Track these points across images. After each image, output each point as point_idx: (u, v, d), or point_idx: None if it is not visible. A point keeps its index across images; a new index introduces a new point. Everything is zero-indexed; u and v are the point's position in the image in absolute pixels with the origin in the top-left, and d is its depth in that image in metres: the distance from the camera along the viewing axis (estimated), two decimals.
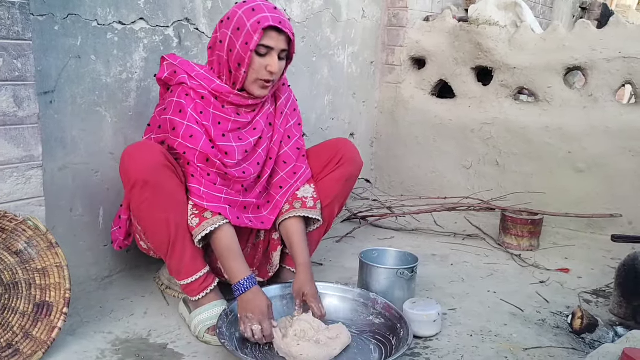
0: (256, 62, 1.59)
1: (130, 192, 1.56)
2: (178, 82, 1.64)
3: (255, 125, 1.72)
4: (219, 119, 1.65)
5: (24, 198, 1.55)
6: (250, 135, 1.70)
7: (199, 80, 1.63)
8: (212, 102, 1.64)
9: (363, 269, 1.85)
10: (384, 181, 3.44)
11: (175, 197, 1.57)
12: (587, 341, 1.65)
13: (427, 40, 3.16)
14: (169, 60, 1.69)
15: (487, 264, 2.33)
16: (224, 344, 1.42)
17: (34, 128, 1.54)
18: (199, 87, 1.63)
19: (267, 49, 1.58)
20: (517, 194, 2.89)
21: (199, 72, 1.65)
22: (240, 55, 1.58)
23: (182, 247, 1.59)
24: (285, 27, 1.58)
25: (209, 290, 1.64)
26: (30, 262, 1.49)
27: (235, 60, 1.59)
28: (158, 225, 1.57)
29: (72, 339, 1.59)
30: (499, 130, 2.96)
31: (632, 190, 2.65)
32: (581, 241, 2.66)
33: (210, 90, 1.63)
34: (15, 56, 1.47)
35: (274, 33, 1.57)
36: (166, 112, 1.63)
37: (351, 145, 1.89)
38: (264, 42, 1.57)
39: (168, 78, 1.67)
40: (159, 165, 1.54)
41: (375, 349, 1.56)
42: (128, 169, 1.54)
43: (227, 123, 1.66)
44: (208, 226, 1.58)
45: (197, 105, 1.61)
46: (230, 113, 1.67)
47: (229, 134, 1.65)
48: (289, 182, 1.80)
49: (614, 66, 2.63)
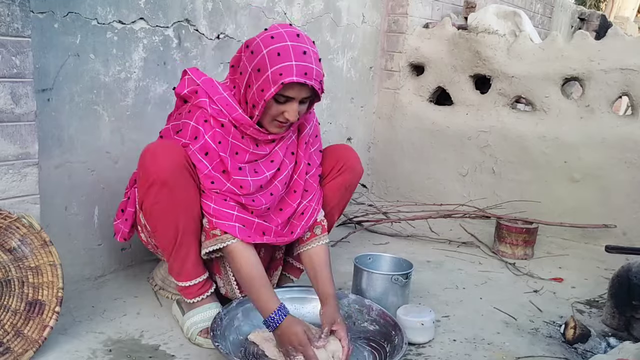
0: (273, 108, 1.48)
1: (147, 191, 1.50)
2: (197, 105, 1.52)
3: (273, 157, 1.62)
4: (237, 149, 1.55)
5: (19, 195, 1.54)
6: (266, 168, 1.60)
7: (220, 106, 1.52)
8: (231, 132, 1.53)
9: (357, 274, 1.85)
10: (380, 186, 3.44)
11: (189, 202, 1.52)
12: (580, 351, 1.65)
13: (426, 47, 3.17)
14: (191, 76, 1.57)
15: (482, 271, 2.33)
16: (218, 347, 1.41)
17: (30, 125, 1.54)
18: (220, 115, 1.51)
19: (286, 98, 1.47)
20: (513, 203, 2.90)
21: (221, 95, 1.53)
22: (255, 99, 1.47)
23: (187, 252, 1.57)
24: (311, 79, 1.44)
25: (205, 296, 1.64)
26: (24, 259, 1.49)
27: (250, 100, 1.49)
28: (167, 227, 1.54)
29: (64, 338, 1.58)
30: (496, 138, 2.97)
31: (627, 201, 2.66)
32: (575, 251, 2.67)
33: (231, 119, 1.52)
34: (13, 53, 1.46)
35: (297, 85, 1.44)
36: (181, 135, 1.54)
37: (353, 153, 1.84)
38: (284, 93, 1.45)
39: (187, 96, 1.56)
40: (180, 166, 1.48)
41: (369, 355, 1.56)
42: (149, 168, 1.48)
43: (245, 154, 1.56)
44: (218, 243, 1.53)
45: (215, 134, 1.51)
46: (249, 144, 1.56)
47: (245, 166, 1.56)
48: (311, 207, 1.71)
49: (611, 77, 2.64)
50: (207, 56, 2.24)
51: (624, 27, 7.55)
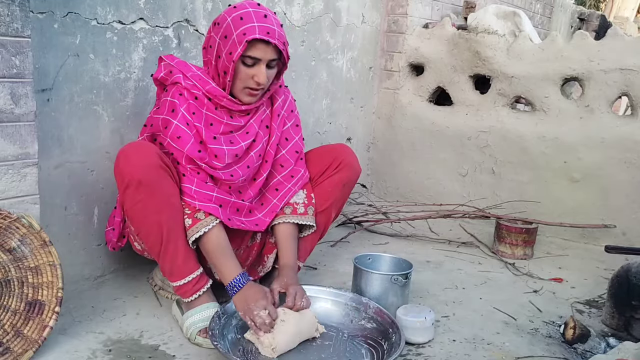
0: (242, 71, 1.58)
1: (124, 193, 1.54)
2: (173, 81, 1.63)
3: (248, 129, 1.71)
4: (211, 121, 1.64)
5: (18, 195, 1.54)
6: (242, 139, 1.69)
7: (194, 80, 1.62)
8: (205, 103, 1.63)
9: (357, 274, 1.85)
10: (380, 186, 3.44)
11: (169, 199, 1.56)
12: (579, 351, 1.65)
13: (426, 47, 3.17)
14: (166, 61, 1.68)
15: (481, 271, 2.33)
16: (217, 346, 1.42)
17: (30, 125, 1.54)
18: (193, 88, 1.62)
19: (253, 60, 1.56)
20: (512, 203, 2.90)
21: (195, 72, 1.64)
22: (225, 64, 1.58)
23: (174, 249, 1.59)
24: (274, 37, 1.55)
25: (202, 292, 1.63)
26: (23, 260, 1.49)
27: (221, 67, 1.59)
28: (150, 226, 1.56)
29: (64, 338, 1.58)
30: (496, 138, 2.97)
31: (627, 202, 2.66)
32: (575, 251, 2.67)
33: (204, 92, 1.62)
34: (13, 53, 1.46)
35: (261, 44, 1.54)
36: (159, 111, 1.63)
37: (350, 151, 1.89)
38: (250, 54, 1.55)
39: (164, 78, 1.67)
40: (154, 165, 1.52)
41: (367, 353, 1.56)
42: (123, 169, 1.52)
43: (220, 125, 1.65)
44: (202, 227, 1.58)
45: (190, 106, 1.61)
46: (223, 115, 1.66)
47: (220, 136, 1.64)
48: (285, 185, 1.80)
49: (611, 78, 2.64)
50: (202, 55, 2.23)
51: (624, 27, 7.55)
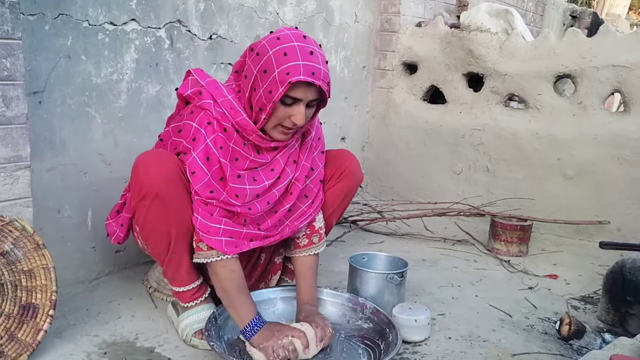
0: (280, 110, 1.44)
1: (139, 202, 1.48)
2: (201, 106, 1.48)
3: (274, 166, 1.57)
4: (237, 155, 1.51)
5: (11, 199, 1.53)
6: (266, 177, 1.56)
7: (224, 109, 1.47)
8: (233, 137, 1.49)
9: (353, 273, 1.84)
10: (375, 185, 3.44)
11: (182, 212, 1.50)
12: (575, 347, 1.66)
13: (419, 45, 3.17)
14: (195, 77, 1.53)
15: (477, 269, 2.34)
16: (213, 347, 1.41)
17: (22, 128, 1.53)
18: (223, 118, 1.47)
19: (293, 99, 1.43)
20: (507, 200, 2.90)
21: (226, 98, 1.48)
22: (262, 101, 1.43)
23: (179, 261, 1.56)
24: (319, 79, 1.40)
25: (200, 300, 1.63)
26: (17, 263, 1.48)
27: (257, 103, 1.45)
28: (160, 236, 1.53)
29: (58, 341, 1.57)
30: (489, 136, 2.98)
31: (620, 198, 2.67)
32: (569, 247, 2.68)
33: (233, 123, 1.48)
34: (4, 55, 1.45)
35: (304, 85, 1.40)
36: (181, 135, 1.50)
37: (353, 158, 1.80)
38: (291, 94, 1.41)
39: (190, 97, 1.52)
40: (173, 180, 1.46)
41: (363, 353, 1.56)
42: (142, 180, 1.45)
43: (245, 161, 1.52)
44: (202, 258, 1.51)
45: (217, 139, 1.46)
46: (250, 151, 1.52)
47: (244, 173, 1.52)
48: (307, 212, 1.69)
49: (603, 74, 2.65)
50: (199, 57, 2.23)
51: (616, 24, 7.59)
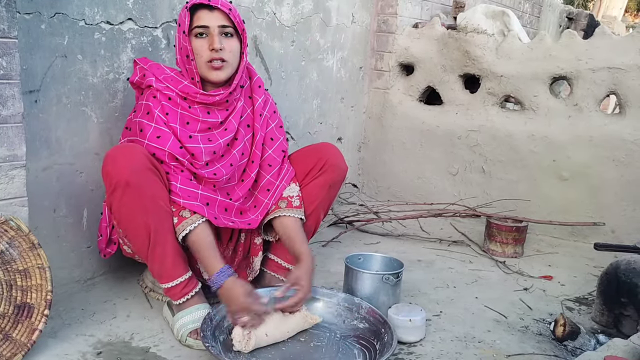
0: (197, 45, 1.61)
1: (111, 194, 1.54)
2: (147, 84, 1.66)
3: (227, 126, 1.72)
4: (187, 119, 1.65)
5: (6, 198, 1.52)
6: (220, 136, 1.69)
7: (166, 82, 1.65)
8: (179, 103, 1.65)
9: (348, 273, 1.85)
10: (371, 186, 3.45)
11: (156, 201, 1.54)
12: (569, 348, 1.67)
13: (415, 46, 3.18)
14: (140, 64, 1.71)
15: (472, 270, 2.34)
16: (208, 348, 1.41)
17: (18, 127, 1.52)
18: (166, 89, 1.64)
19: (203, 29, 1.60)
20: (503, 201, 2.91)
21: (168, 74, 1.67)
22: (183, 45, 1.61)
23: (162, 252, 1.57)
24: (217, 2, 1.59)
25: (190, 296, 1.63)
26: (12, 262, 1.47)
27: (183, 53, 1.63)
28: (137, 228, 1.55)
29: (53, 341, 1.57)
30: (485, 137, 2.99)
31: (615, 199, 2.68)
32: (564, 249, 2.69)
33: (177, 91, 1.64)
34: (0, 54, 1.45)
35: (204, 11, 1.59)
36: (136, 115, 1.65)
37: (335, 150, 1.87)
38: (196, 23, 1.59)
39: (139, 81, 1.70)
40: (142, 167, 1.52)
41: (359, 353, 1.56)
42: (110, 172, 1.52)
43: (196, 123, 1.66)
44: (187, 225, 1.57)
45: (163, 107, 1.63)
46: (199, 113, 1.67)
47: (197, 135, 1.65)
48: (275, 184, 1.79)
49: (599, 76, 2.66)
50: None
51: (612, 26, 7.61)
